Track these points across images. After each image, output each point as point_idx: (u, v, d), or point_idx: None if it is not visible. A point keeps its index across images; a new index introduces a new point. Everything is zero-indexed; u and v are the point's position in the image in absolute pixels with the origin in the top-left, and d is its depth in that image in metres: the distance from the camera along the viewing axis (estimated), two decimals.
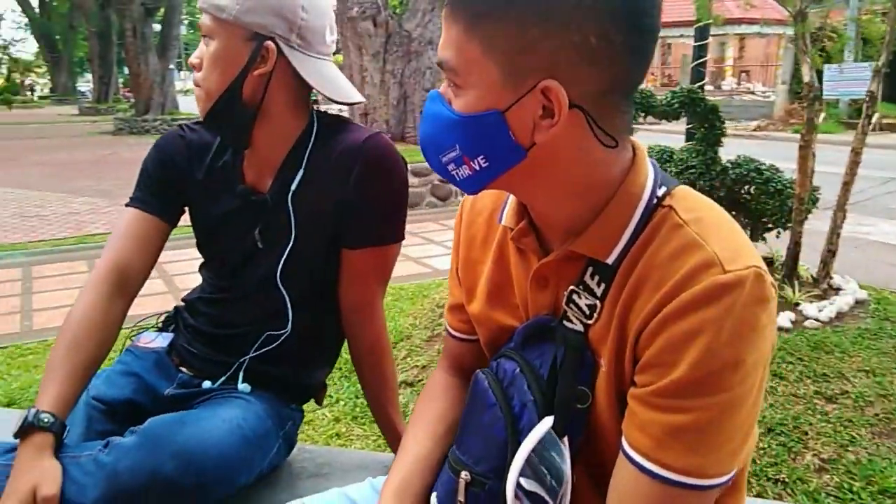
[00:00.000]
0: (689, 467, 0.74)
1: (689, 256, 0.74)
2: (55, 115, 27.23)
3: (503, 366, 0.91)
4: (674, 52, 26.89)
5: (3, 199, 9.07)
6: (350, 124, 1.38)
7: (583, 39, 0.72)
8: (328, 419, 2.96)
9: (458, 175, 0.82)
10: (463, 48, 0.76)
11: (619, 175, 0.81)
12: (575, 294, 0.83)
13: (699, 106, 3.89)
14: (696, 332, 0.72)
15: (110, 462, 1.12)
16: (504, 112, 0.75)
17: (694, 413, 0.73)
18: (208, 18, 1.24)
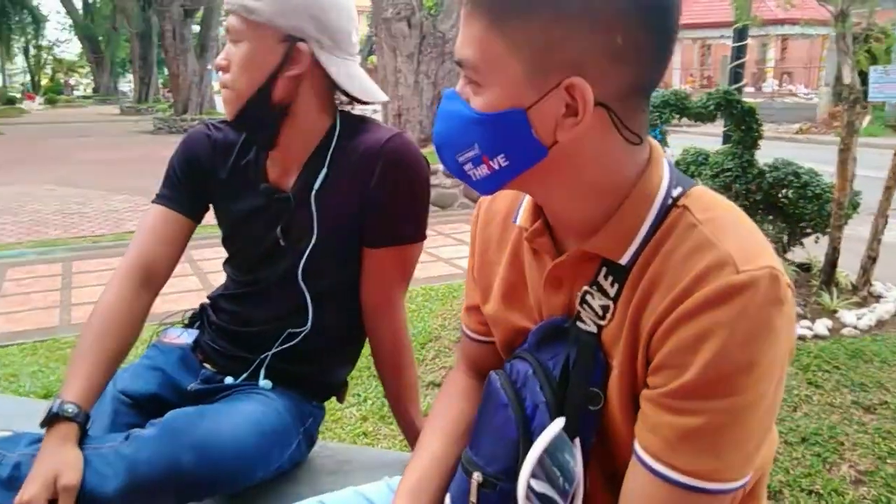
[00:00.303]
0: (700, 471, 0.72)
1: (703, 256, 0.73)
2: (97, 115, 27.82)
3: (516, 367, 0.91)
4: (713, 54, 26.46)
5: (46, 196, 9.29)
6: (373, 124, 1.39)
7: (609, 39, 0.71)
8: (356, 418, 2.96)
9: (474, 175, 0.81)
10: (485, 45, 0.75)
11: (635, 175, 0.80)
12: (588, 295, 0.83)
13: (735, 108, 3.82)
14: (708, 334, 0.70)
15: (130, 453, 1.13)
16: (527, 110, 0.75)
17: (706, 416, 0.71)
18: (237, 20, 1.25)
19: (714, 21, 19.51)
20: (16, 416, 1.62)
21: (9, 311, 4.64)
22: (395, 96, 8.76)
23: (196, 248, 5.75)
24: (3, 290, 5.11)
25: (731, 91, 3.88)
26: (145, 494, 1.13)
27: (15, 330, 4.27)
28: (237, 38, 1.26)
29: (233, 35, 1.26)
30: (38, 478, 1.09)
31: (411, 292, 4.54)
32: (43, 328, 4.29)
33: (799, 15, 6.05)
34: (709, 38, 23.61)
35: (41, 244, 6.53)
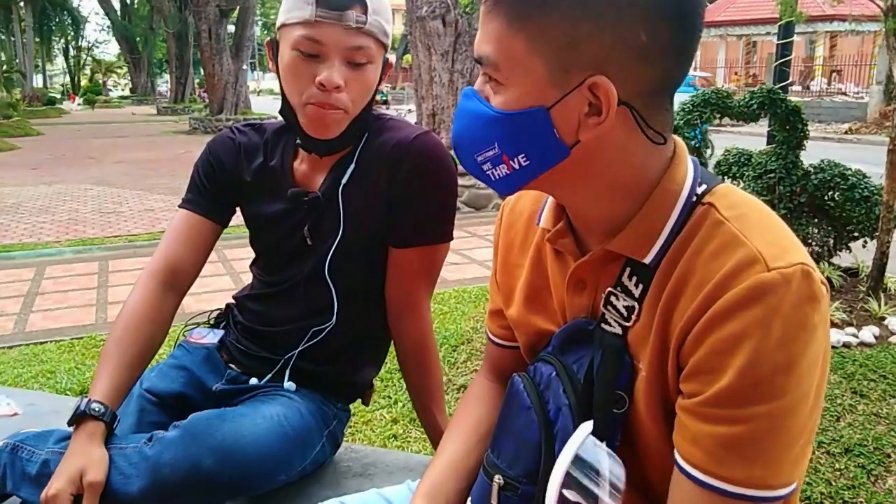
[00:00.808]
0: (750, 479, 0.70)
1: (731, 254, 0.70)
2: (134, 115, 28.31)
3: (540, 369, 0.89)
4: (759, 51, 25.93)
5: (84, 196, 9.46)
6: (400, 122, 1.39)
7: (633, 36, 0.70)
8: (386, 420, 2.94)
9: (493, 175, 0.79)
10: (506, 43, 0.73)
11: (658, 173, 0.78)
12: (613, 296, 0.81)
13: (780, 107, 3.71)
14: (742, 336, 0.68)
15: (153, 455, 1.14)
16: (549, 109, 0.73)
17: (748, 423, 0.69)
18: (374, 43, 1.25)
19: (760, 17, 19.22)
20: (50, 413, 1.62)
21: (47, 308, 4.71)
22: (429, 95, 8.74)
23: (229, 248, 5.81)
24: (42, 287, 5.20)
25: (776, 89, 3.77)
26: (168, 496, 1.13)
27: (52, 327, 4.34)
28: (368, 61, 1.25)
29: (364, 58, 1.24)
30: (65, 473, 1.10)
31: (444, 294, 4.52)
32: (80, 326, 4.35)
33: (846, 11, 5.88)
34: (754, 35, 23.19)
35: (79, 243, 6.64)
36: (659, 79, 0.74)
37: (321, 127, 1.27)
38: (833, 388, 2.90)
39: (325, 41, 1.20)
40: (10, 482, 1.19)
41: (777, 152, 3.78)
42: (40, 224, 7.56)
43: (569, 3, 0.70)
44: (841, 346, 3.30)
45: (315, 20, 1.19)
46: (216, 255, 5.79)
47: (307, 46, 1.21)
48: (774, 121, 3.84)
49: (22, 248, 6.41)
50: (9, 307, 4.72)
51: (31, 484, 1.17)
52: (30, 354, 3.83)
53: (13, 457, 1.20)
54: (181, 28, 26.01)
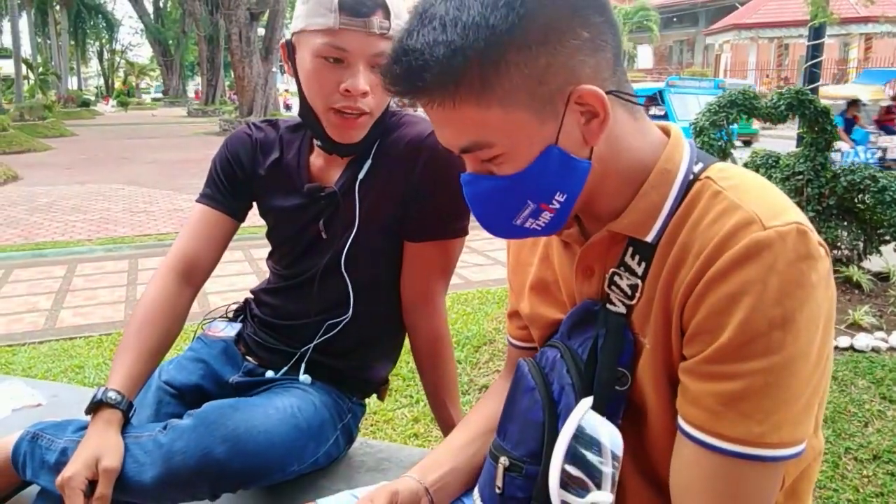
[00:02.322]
0: (745, 436, 0.70)
1: (728, 218, 0.72)
2: (165, 117, 28.71)
3: (546, 353, 0.92)
4: (792, 54, 25.51)
5: (116, 196, 9.61)
6: (416, 118, 1.39)
7: (578, 38, 0.73)
8: (408, 419, 2.95)
9: (538, 225, 0.81)
10: (484, 122, 0.75)
11: (655, 156, 0.81)
12: (616, 276, 0.83)
13: (808, 108, 3.65)
14: (739, 294, 0.69)
15: (167, 442, 1.15)
16: (557, 142, 0.75)
17: (745, 378, 0.70)
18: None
19: (792, 20, 18.91)
20: (72, 404, 1.64)
21: (77, 305, 4.79)
22: None
23: (255, 247, 5.87)
24: (73, 285, 5.29)
25: (804, 90, 3.71)
26: (180, 484, 1.14)
27: (82, 323, 4.41)
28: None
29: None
30: (81, 458, 1.12)
31: (467, 295, 4.52)
32: (108, 322, 4.42)
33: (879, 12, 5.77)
34: (786, 38, 22.82)
35: (109, 241, 6.75)
36: (612, 55, 0.77)
37: (347, 131, 1.28)
38: (861, 394, 2.85)
39: (349, 48, 1.20)
40: (30, 470, 1.21)
41: (805, 154, 3.72)
42: (72, 223, 7.70)
43: (515, 52, 0.71)
44: (870, 350, 3.25)
45: (339, 28, 1.19)
46: (242, 254, 5.85)
47: (331, 53, 1.21)
48: (803, 122, 3.78)
49: (54, 246, 6.53)
50: (41, 303, 4.81)
51: (49, 472, 1.19)
52: (59, 349, 3.90)
53: (33, 445, 1.22)
54: (212, 31, 26.38)
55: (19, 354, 3.83)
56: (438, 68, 0.72)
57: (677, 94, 12.33)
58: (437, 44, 0.72)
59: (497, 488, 0.90)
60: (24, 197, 9.57)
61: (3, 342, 4.06)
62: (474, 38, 0.71)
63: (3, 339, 4.13)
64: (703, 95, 11.19)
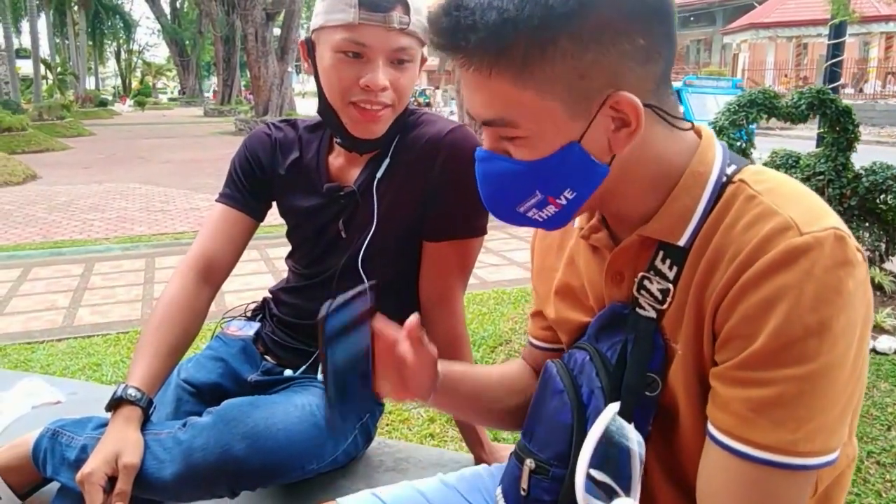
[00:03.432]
0: (777, 444, 0.69)
1: (764, 223, 0.71)
2: (182, 116, 28.90)
3: (574, 355, 0.91)
4: (810, 53, 25.22)
5: (133, 194, 9.68)
6: (434, 116, 1.39)
7: (633, 44, 0.72)
8: (423, 419, 2.93)
9: (540, 217, 0.81)
10: (516, 100, 0.73)
11: (686, 158, 0.80)
12: (646, 280, 0.81)
13: (829, 107, 3.61)
14: (774, 300, 0.68)
15: (186, 439, 1.16)
16: (580, 140, 0.74)
17: (779, 385, 0.68)
18: (414, 42, 1.25)
19: (810, 19, 18.76)
20: (92, 401, 1.65)
21: (95, 303, 4.82)
22: None
23: (271, 246, 5.89)
24: (91, 283, 5.32)
25: (825, 89, 3.66)
26: (200, 481, 1.15)
27: (100, 321, 4.43)
28: (410, 60, 1.25)
29: (407, 58, 1.25)
30: (101, 454, 1.13)
31: (482, 295, 4.50)
32: (126, 321, 4.44)
33: None
34: (805, 37, 22.60)
35: (126, 240, 6.79)
36: (662, 70, 0.76)
37: (367, 126, 1.27)
38: (884, 397, 2.81)
39: (368, 43, 1.20)
40: (50, 466, 1.22)
41: (826, 154, 3.67)
42: (90, 221, 7.75)
43: (567, 40, 0.70)
44: (892, 353, 3.20)
45: (359, 23, 1.19)
46: (258, 254, 5.86)
47: (350, 48, 1.21)
48: (824, 122, 3.73)
49: (72, 245, 6.58)
50: (59, 301, 4.84)
51: (69, 468, 1.20)
52: (77, 347, 3.93)
53: (53, 442, 1.23)
54: (228, 31, 26.50)
55: (38, 352, 3.86)
56: (485, 33, 0.70)
57: (695, 94, 12.25)
58: (491, 8, 0.70)
59: (522, 490, 0.90)
60: (43, 196, 9.66)
61: (22, 339, 4.09)
62: (529, 14, 0.69)
63: (22, 336, 4.16)
64: (720, 95, 11.11)
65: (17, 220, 7.96)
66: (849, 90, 20.27)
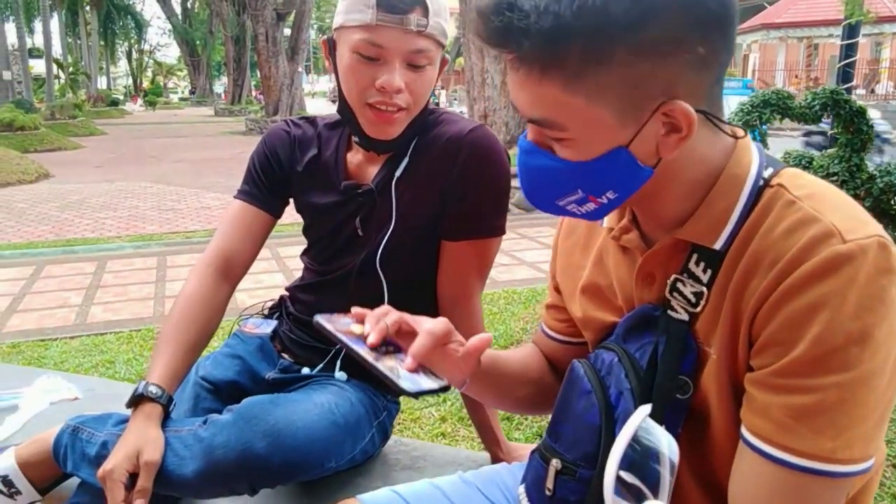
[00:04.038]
0: (816, 451, 0.68)
1: (806, 230, 0.70)
2: (193, 116, 29.00)
3: (601, 356, 0.90)
4: (821, 54, 25.03)
5: (144, 193, 9.73)
6: (454, 116, 1.38)
7: (693, 54, 0.70)
8: (435, 418, 2.94)
9: (579, 211, 0.81)
10: (565, 105, 0.72)
11: (723, 161, 0.78)
12: (679, 283, 0.80)
13: (843, 108, 3.59)
14: (816, 307, 0.67)
15: (207, 437, 1.16)
16: (627, 145, 0.73)
17: (819, 393, 0.68)
18: (433, 45, 1.24)
19: (822, 19, 18.62)
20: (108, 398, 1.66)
21: (107, 301, 4.85)
22: (481, 97, 8.74)
23: (282, 245, 5.90)
24: (103, 281, 5.35)
25: (839, 90, 3.64)
26: (221, 478, 1.15)
27: (112, 319, 4.46)
28: (427, 62, 1.25)
29: (424, 61, 1.24)
30: (122, 451, 1.13)
31: (493, 295, 4.50)
32: (138, 318, 4.46)
33: None
34: (816, 37, 22.45)
35: (138, 238, 6.83)
36: (717, 74, 0.75)
37: (383, 127, 1.27)
38: None
39: (385, 45, 1.20)
40: (71, 462, 1.23)
41: (840, 155, 3.65)
42: (102, 220, 7.80)
43: (624, 49, 0.68)
44: None
45: (376, 24, 1.18)
46: (269, 252, 5.88)
47: (367, 50, 1.20)
48: (837, 122, 3.71)
49: (85, 243, 6.62)
50: (72, 299, 4.88)
51: (90, 464, 1.21)
52: (90, 345, 3.95)
53: (73, 438, 1.24)
54: (239, 31, 26.59)
55: (51, 349, 3.89)
56: (539, 39, 0.68)
57: None
58: (548, 13, 0.67)
59: (547, 490, 0.89)
60: (56, 194, 9.73)
61: (36, 336, 4.12)
62: (586, 22, 0.67)
63: (36, 333, 4.19)
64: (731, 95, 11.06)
65: (30, 218, 8.01)
66: (860, 91, 20.13)
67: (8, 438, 1.50)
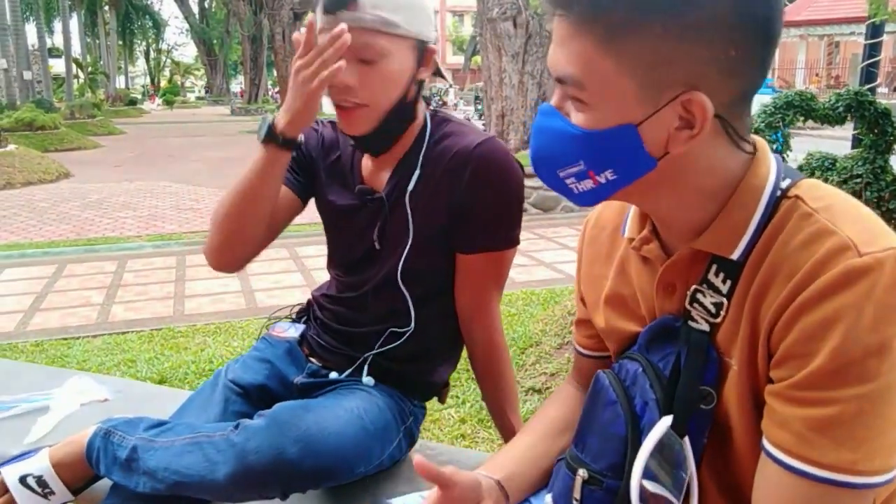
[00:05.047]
0: (838, 463, 0.69)
1: (822, 243, 0.70)
2: (210, 115, 29.18)
3: (626, 366, 0.90)
4: (842, 52, 24.78)
5: (163, 193, 9.81)
6: (463, 126, 1.38)
7: (725, 53, 0.71)
8: (454, 420, 2.94)
9: (576, 189, 0.80)
10: (594, 63, 0.73)
11: (740, 171, 0.79)
12: (699, 293, 0.81)
13: (868, 109, 3.55)
14: (833, 320, 0.68)
15: (240, 441, 1.16)
16: (638, 125, 0.74)
17: (838, 405, 0.68)
18: (379, 37, 1.23)
19: (843, 17, 18.42)
20: (137, 400, 1.68)
21: (128, 300, 4.89)
22: (499, 97, 8.73)
23: (300, 245, 5.94)
24: (124, 280, 5.40)
25: (864, 91, 3.61)
26: (253, 483, 1.16)
27: (133, 318, 4.50)
28: (372, 57, 1.23)
29: (370, 55, 1.23)
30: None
31: (511, 296, 4.49)
32: (158, 317, 4.50)
33: None
34: (837, 35, 22.23)
35: (158, 238, 6.89)
36: (745, 90, 0.75)
37: (346, 123, 1.29)
38: None
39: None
40: (103, 466, 1.24)
41: (864, 156, 3.61)
42: (122, 219, 7.88)
43: (662, 21, 0.69)
44: None
45: (321, 27, 1.21)
46: (287, 252, 5.91)
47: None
48: (861, 124, 3.67)
49: (105, 242, 6.69)
50: (93, 298, 4.93)
51: (121, 468, 1.22)
52: (112, 344, 3.99)
53: (105, 441, 1.25)
54: (256, 31, 26.75)
55: (74, 348, 3.93)
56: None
57: None
58: None
59: (574, 500, 0.90)
60: (76, 193, 9.83)
61: (59, 335, 4.16)
62: None
63: (58, 332, 4.24)
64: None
65: (51, 217, 8.11)
66: (882, 90, 19.92)
67: (40, 439, 1.52)
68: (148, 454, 1.20)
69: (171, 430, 1.24)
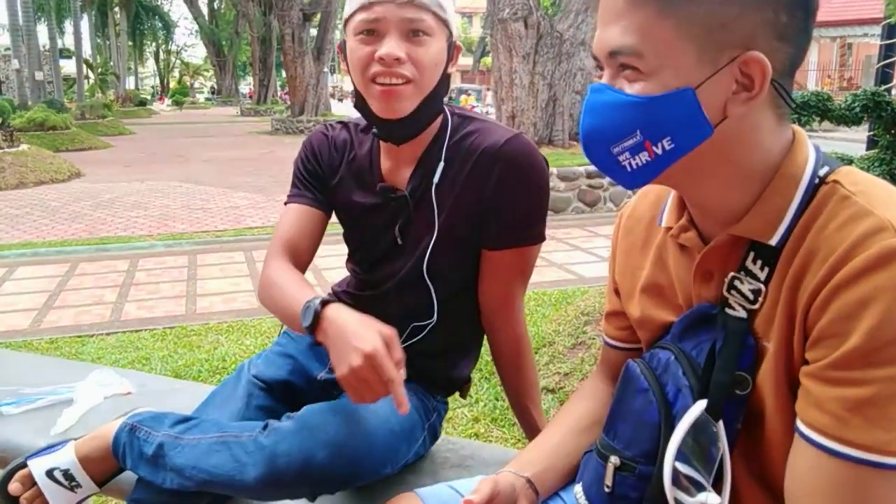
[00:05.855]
0: (873, 443, 0.68)
1: (858, 224, 0.71)
2: (219, 116, 29.27)
3: (657, 355, 0.91)
4: (855, 53, 24.67)
5: (174, 193, 9.84)
6: (485, 121, 1.38)
7: (776, 16, 0.73)
8: (467, 418, 2.95)
9: (630, 165, 0.80)
10: (653, 30, 0.74)
11: (779, 157, 0.80)
12: (737, 280, 0.81)
13: (885, 110, 3.53)
14: (869, 299, 0.67)
15: (269, 444, 1.16)
16: (696, 88, 0.74)
17: (874, 385, 0.68)
18: (430, 17, 1.25)
19: (856, 18, 18.33)
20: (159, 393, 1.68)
21: (141, 298, 4.92)
22: (509, 97, 8.73)
23: None
24: (136, 279, 5.43)
25: (881, 91, 3.59)
26: (283, 485, 1.15)
27: (146, 316, 4.53)
28: (427, 33, 1.25)
29: (421, 27, 1.24)
30: (367, 332, 1.09)
31: None
32: (171, 316, 4.52)
33: None
34: (849, 37, 22.14)
35: (169, 237, 6.91)
36: (792, 58, 0.76)
37: (389, 103, 1.26)
38: None
39: (379, 16, 1.22)
40: (130, 460, 1.24)
41: (881, 157, 3.60)
42: (134, 218, 7.91)
43: None
44: None
45: (370, 2, 1.22)
46: None
47: (366, 26, 1.23)
48: (878, 125, 3.65)
49: (117, 241, 6.72)
50: (106, 296, 4.95)
51: (147, 463, 1.22)
52: (126, 341, 4.01)
53: (131, 436, 1.25)
54: (265, 32, 26.84)
55: (88, 345, 3.95)
56: None
57: None
58: None
59: (606, 487, 0.91)
60: (88, 193, 9.88)
61: (73, 333, 4.19)
62: None
63: (73, 329, 4.27)
64: None
65: (63, 216, 8.15)
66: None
67: (65, 431, 1.52)
68: (174, 451, 1.20)
69: (197, 427, 1.24)
